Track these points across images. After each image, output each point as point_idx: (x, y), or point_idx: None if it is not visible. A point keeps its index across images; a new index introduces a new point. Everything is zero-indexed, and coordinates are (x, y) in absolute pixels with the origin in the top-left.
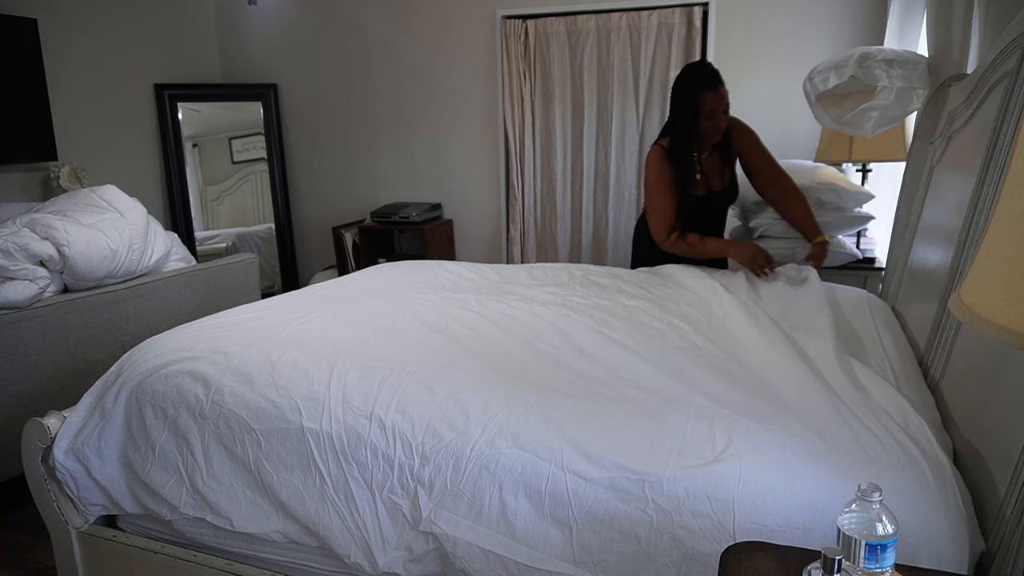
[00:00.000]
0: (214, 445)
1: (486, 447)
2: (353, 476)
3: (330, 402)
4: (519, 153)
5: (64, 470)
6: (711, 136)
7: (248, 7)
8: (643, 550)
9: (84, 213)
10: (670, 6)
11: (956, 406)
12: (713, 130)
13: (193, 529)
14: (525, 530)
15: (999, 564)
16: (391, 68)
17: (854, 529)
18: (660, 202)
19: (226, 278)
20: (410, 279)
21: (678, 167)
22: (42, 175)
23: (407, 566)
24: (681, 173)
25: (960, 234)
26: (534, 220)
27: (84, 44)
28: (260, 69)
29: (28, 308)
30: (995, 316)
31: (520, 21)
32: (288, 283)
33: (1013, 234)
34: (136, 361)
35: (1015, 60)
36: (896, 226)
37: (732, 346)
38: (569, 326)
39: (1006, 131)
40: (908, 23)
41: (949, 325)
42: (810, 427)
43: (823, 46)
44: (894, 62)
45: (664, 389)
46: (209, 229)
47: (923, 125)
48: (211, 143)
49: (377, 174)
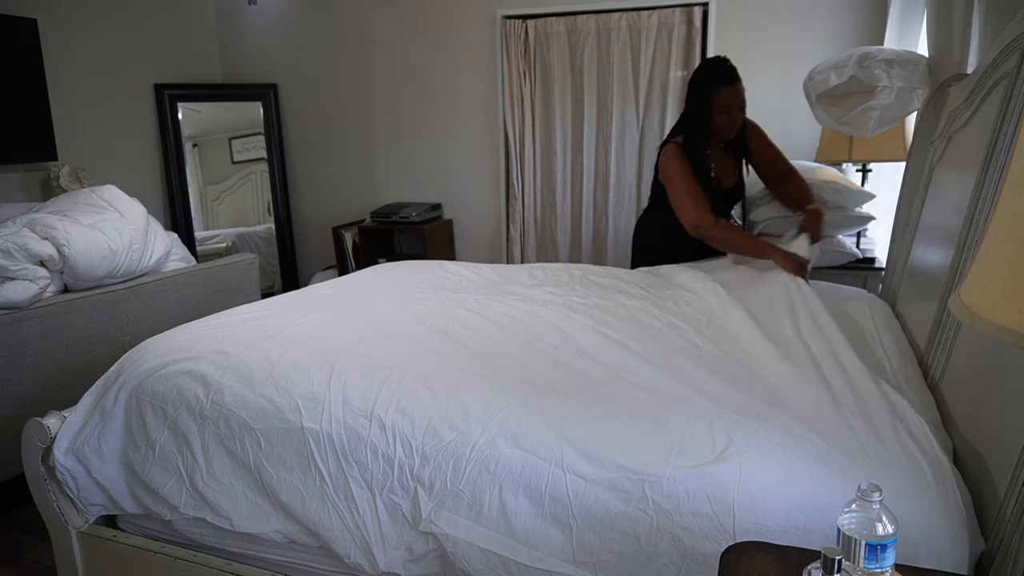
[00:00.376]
0: (214, 445)
1: (486, 447)
2: (353, 476)
3: (330, 402)
4: (519, 153)
5: (64, 470)
6: (725, 132)
7: (248, 7)
8: (643, 550)
9: (84, 213)
10: (670, 6)
11: (956, 406)
12: (727, 126)
13: (193, 529)
14: (525, 530)
15: (999, 564)
16: (391, 68)
17: (854, 529)
18: (689, 188)
19: (226, 278)
20: (410, 279)
21: (693, 162)
22: (42, 175)
23: (407, 566)
24: (695, 169)
25: (960, 234)
26: (534, 220)
27: (84, 44)
28: (260, 69)
29: (28, 308)
30: (995, 316)
31: (520, 21)
32: (288, 283)
33: (1013, 234)
34: (136, 361)
35: (1015, 60)
36: (896, 226)
37: (732, 346)
38: (569, 326)
39: (1006, 131)
40: (908, 23)
41: (949, 325)
42: (810, 427)
43: (823, 46)
44: (894, 62)
45: (664, 389)
46: (209, 229)
47: (923, 125)
48: (211, 143)
49: (377, 174)
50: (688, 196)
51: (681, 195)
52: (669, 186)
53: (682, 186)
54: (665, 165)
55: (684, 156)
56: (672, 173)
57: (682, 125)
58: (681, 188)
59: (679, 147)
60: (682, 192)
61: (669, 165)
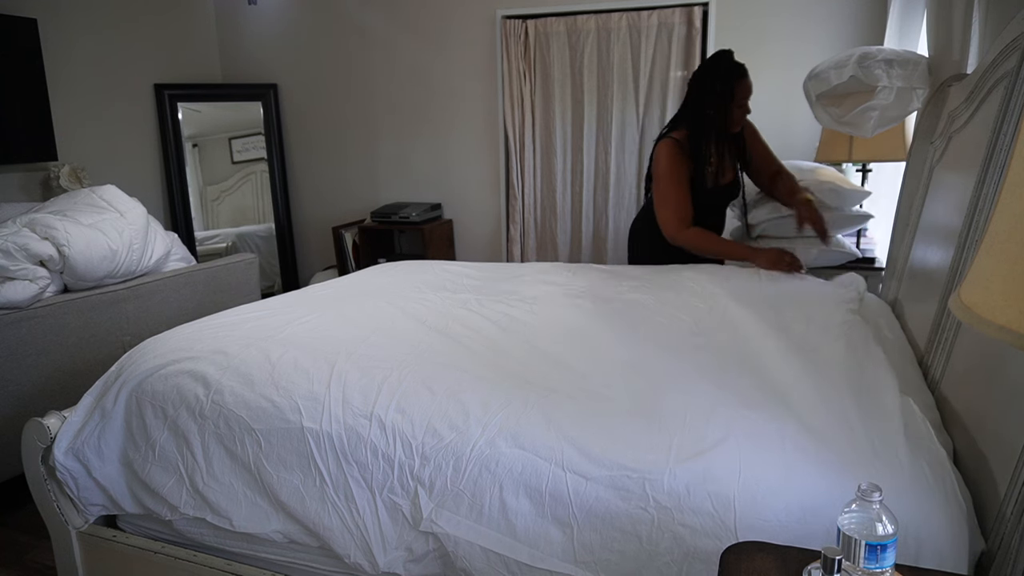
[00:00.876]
0: (214, 445)
1: (486, 447)
2: (353, 476)
3: (330, 402)
4: (519, 153)
5: (64, 470)
6: (737, 124)
7: (248, 7)
8: (644, 549)
9: (84, 213)
10: (670, 6)
11: (956, 406)
12: (741, 118)
13: (193, 529)
14: (526, 529)
15: (999, 564)
16: (391, 68)
17: (854, 529)
18: (675, 193)
19: (226, 278)
20: (410, 279)
21: (695, 158)
22: (42, 175)
23: (407, 566)
24: (697, 164)
25: (960, 234)
26: (534, 220)
27: (84, 44)
28: (260, 69)
29: (28, 308)
30: (995, 316)
31: (520, 21)
32: (288, 283)
33: (1013, 234)
34: (136, 361)
35: (1015, 60)
36: (896, 226)
37: (733, 344)
38: (569, 325)
39: (1006, 131)
40: (908, 23)
41: (949, 325)
42: (811, 426)
43: (823, 46)
44: (894, 62)
45: (664, 387)
46: (209, 229)
47: (923, 125)
48: (211, 143)
49: (377, 174)
50: (671, 203)
51: (665, 199)
52: (656, 184)
53: (668, 190)
54: (658, 160)
55: (681, 154)
56: (662, 171)
57: (686, 119)
58: (666, 191)
59: (676, 143)
60: (667, 196)
61: (662, 162)
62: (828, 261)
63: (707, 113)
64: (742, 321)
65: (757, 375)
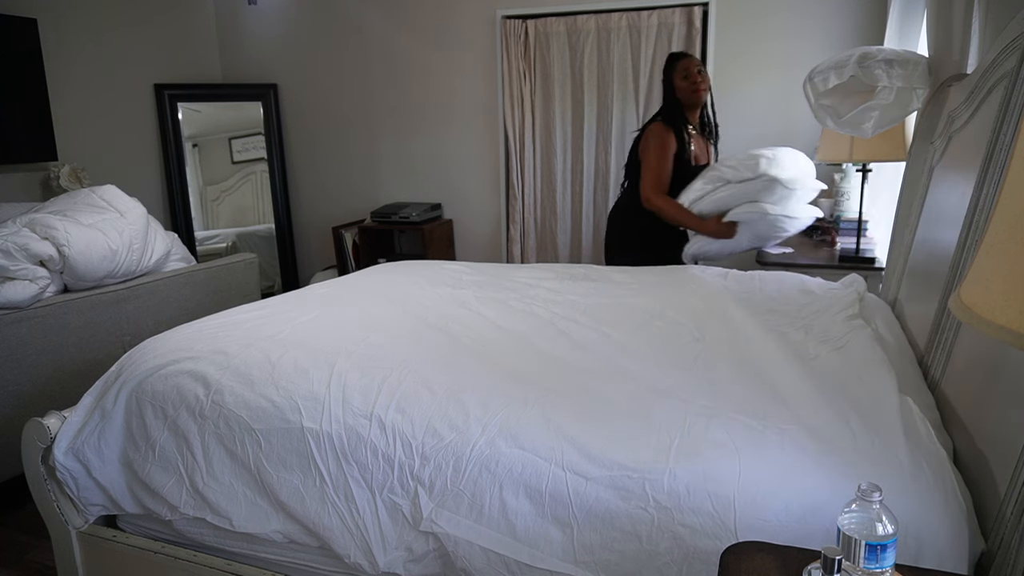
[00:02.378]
0: (214, 445)
1: (486, 447)
2: (353, 476)
3: (330, 402)
4: (519, 153)
5: (64, 470)
6: (693, 95)
7: (248, 7)
8: (644, 549)
9: (84, 213)
10: (670, 6)
11: (956, 406)
12: (692, 88)
13: (193, 529)
14: (526, 529)
15: (999, 564)
16: (391, 68)
17: (854, 529)
18: (658, 163)
19: (226, 278)
20: (410, 279)
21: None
22: (42, 175)
23: (407, 566)
24: (680, 143)
25: (960, 234)
26: (534, 220)
27: (84, 44)
28: (260, 69)
29: (28, 308)
30: (995, 316)
31: (520, 21)
32: (288, 283)
33: (1013, 234)
34: (136, 361)
35: (1015, 60)
36: (896, 226)
37: (732, 345)
38: (569, 325)
39: (1006, 131)
40: (908, 23)
41: (949, 325)
42: (810, 426)
43: (823, 46)
44: (894, 62)
45: (664, 387)
46: (209, 229)
47: (923, 125)
48: (211, 143)
49: (377, 174)
50: (655, 172)
51: (651, 169)
52: (644, 157)
53: (655, 162)
54: (647, 140)
55: (669, 132)
56: (653, 147)
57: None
58: (653, 163)
59: (663, 125)
60: (653, 167)
61: (652, 139)
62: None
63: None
64: (742, 322)
65: (757, 376)
